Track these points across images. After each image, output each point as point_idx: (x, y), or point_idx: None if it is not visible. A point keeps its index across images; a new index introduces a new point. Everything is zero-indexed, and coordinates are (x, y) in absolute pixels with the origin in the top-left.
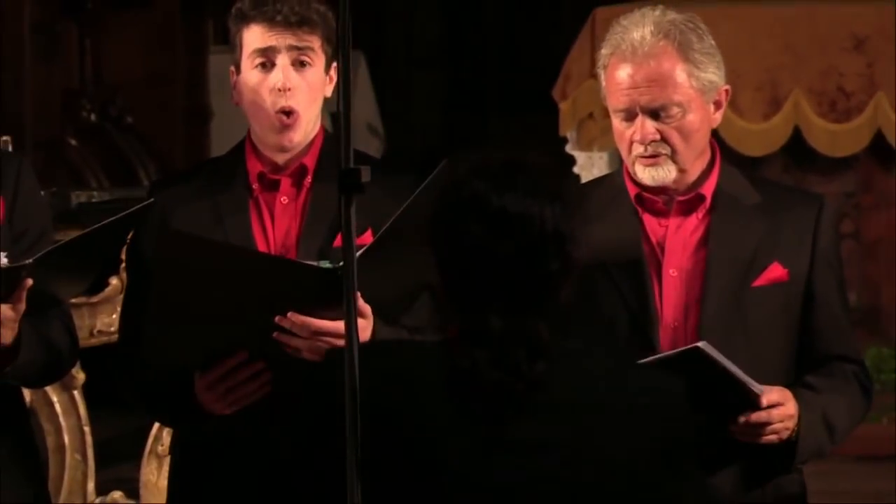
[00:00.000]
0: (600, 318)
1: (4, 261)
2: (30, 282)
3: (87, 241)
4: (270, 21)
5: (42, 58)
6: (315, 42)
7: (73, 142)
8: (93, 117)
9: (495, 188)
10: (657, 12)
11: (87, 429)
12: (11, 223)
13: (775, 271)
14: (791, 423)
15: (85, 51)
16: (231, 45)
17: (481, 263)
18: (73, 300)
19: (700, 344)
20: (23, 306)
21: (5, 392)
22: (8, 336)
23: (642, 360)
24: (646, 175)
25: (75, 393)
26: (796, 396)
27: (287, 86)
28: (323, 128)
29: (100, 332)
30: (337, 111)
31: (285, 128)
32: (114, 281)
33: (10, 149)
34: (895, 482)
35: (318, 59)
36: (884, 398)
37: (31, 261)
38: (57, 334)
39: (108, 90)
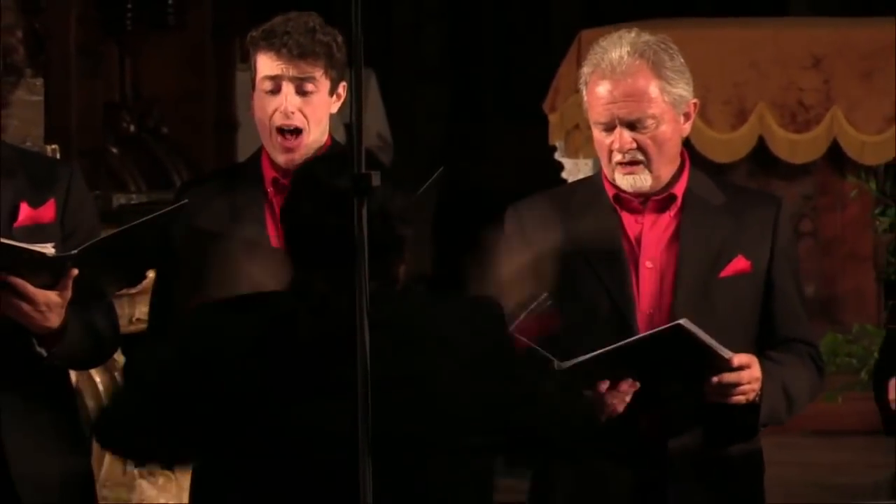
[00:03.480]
0: (584, 305)
1: (52, 251)
2: (75, 271)
3: (126, 236)
4: (277, 52)
5: (86, 75)
6: (317, 71)
7: (115, 150)
8: (132, 128)
9: (329, 172)
10: (632, 34)
11: None
12: (63, 223)
13: (739, 263)
14: (757, 385)
15: (125, 69)
16: (248, 63)
17: (311, 233)
18: None
19: (682, 321)
20: (69, 293)
21: (54, 374)
22: (55, 320)
23: (633, 338)
24: (625, 183)
25: (116, 374)
26: (760, 365)
27: (290, 110)
28: (331, 138)
29: (138, 319)
30: (350, 122)
31: (287, 150)
32: (151, 274)
33: (57, 156)
34: (850, 454)
35: (322, 86)
36: (839, 379)
37: (76, 251)
38: (100, 321)
39: (145, 104)
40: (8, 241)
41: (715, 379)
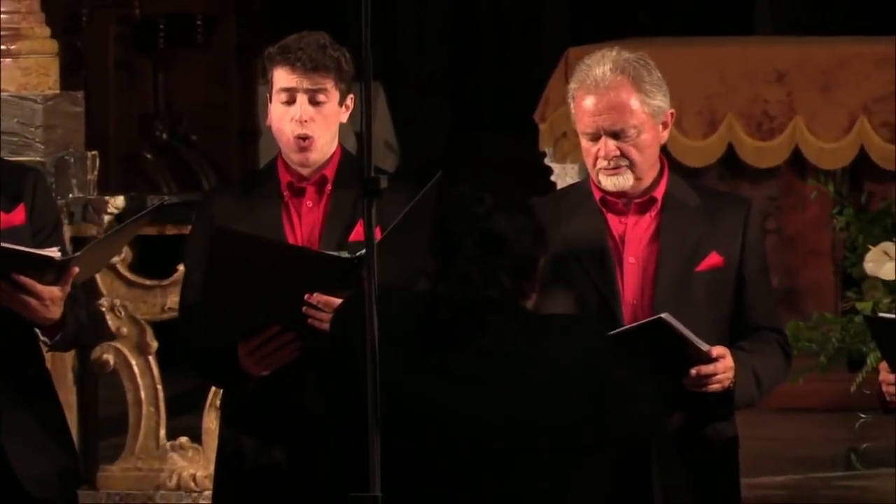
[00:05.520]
0: (574, 297)
1: (58, 255)
2: (76, 270)
3: (116, 237)
4: (292, 66)
5: (123, 88)
6: (328, 83)
7: (149, 156)
8: (164, 136)
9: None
10: (614, 53)
11: (159, 387)
12: (31, 222)
13: (713, 259)
14: (731, 374)
15: (158, 82)
16: (266, 79)
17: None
18: (148, 283)
19: (663, 315)
20: (69, 288)
21: (37, 374)
22: (57, 312)
23: (619, 329)
24: (608, 183)
25: (150, 358)
26: (732, 354)
27: (304, 118)
28: (341, 145)
29: (169, 308)
30: (360, 131)
31: (302, 150)
32: (181, 267)
33: (97, 161)
34: (810, 429)
35: (332, 96)
36: (800, 362)
37: (79, 254)
38: (79, 309)
39: (176, 114)
40: (18, 248)
41: (693, 371)
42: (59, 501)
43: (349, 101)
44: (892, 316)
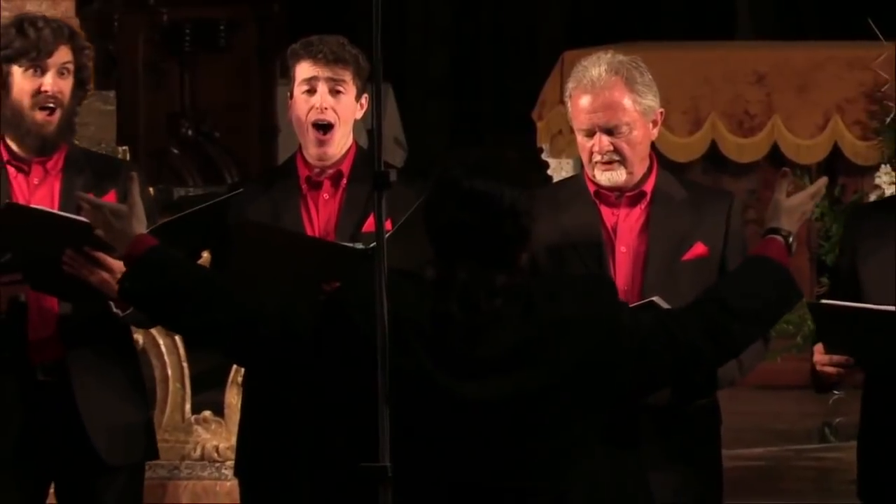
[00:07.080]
0: None
1: None
2: None
3: (186, 219)
4: (314, 58)
5: (151, 88)
6: (347, 76)
7: (175, 151)
8: (190, 133)
9: (467, 174)
10: (609, 55)
11: (185, 364)
12: None
13: (698, 249)
14: None
15: (184, 83)
16: (287, 77)
17: (453, 228)
18: None
19: (654, 298)
20: None
21: (120, 335)
22: None
23: None
24: (603, 178)
25: (176, 338)
26: None
27: (324, 106)
28: (355, 142)
29: None
30: (371, 128)
31: (321, 143)
32: (206, 254)
33: (128, 157)
34: (786, 405)
35: (350, 90)
36: (778, 342)
37: (148, 231)
38: None
39: (201, 113)
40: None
41: None
42: (127, 470)
43: (364, 100)
44: (830, 301)
